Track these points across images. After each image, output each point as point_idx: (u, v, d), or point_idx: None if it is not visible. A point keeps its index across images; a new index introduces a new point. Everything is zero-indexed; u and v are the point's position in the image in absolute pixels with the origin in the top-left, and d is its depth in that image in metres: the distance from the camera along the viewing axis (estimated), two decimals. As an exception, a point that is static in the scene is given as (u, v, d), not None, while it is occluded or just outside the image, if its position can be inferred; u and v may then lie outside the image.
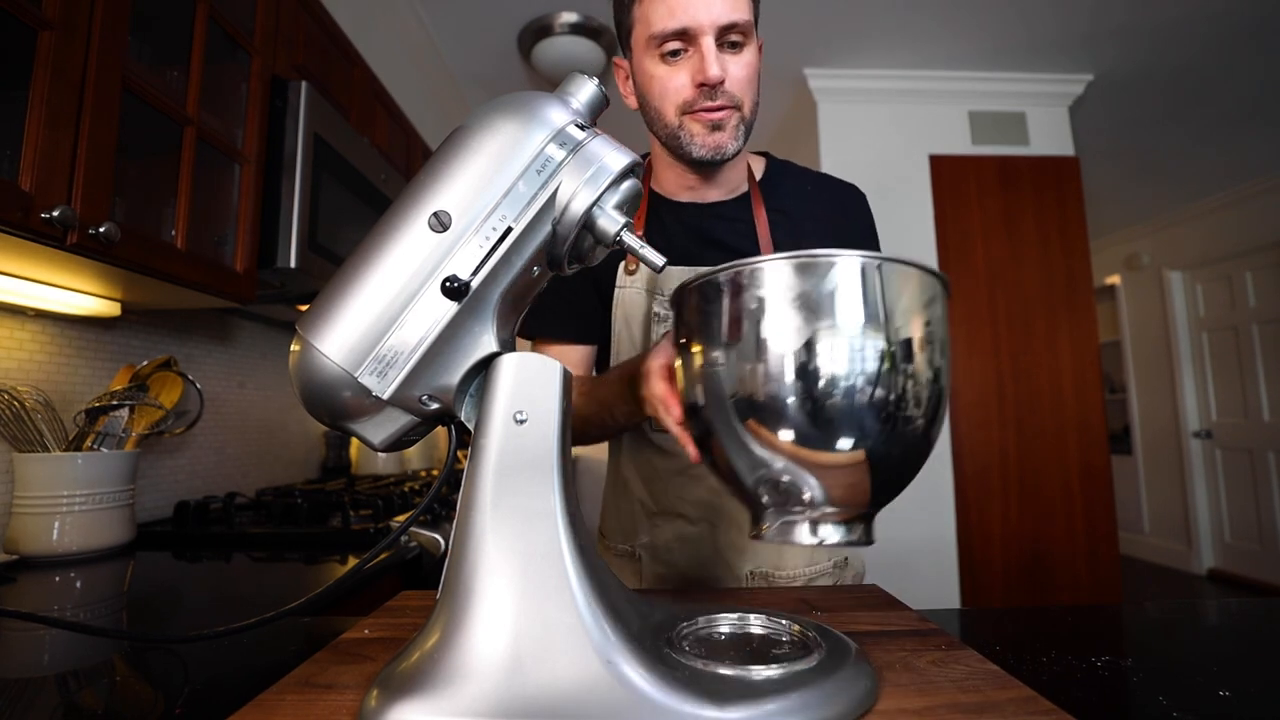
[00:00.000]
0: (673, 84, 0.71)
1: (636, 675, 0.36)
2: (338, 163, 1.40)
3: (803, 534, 0.44)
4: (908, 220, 2.69)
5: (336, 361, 0.39)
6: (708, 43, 0.69)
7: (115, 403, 1.08)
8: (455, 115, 2.75)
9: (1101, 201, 3.99)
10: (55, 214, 0.78)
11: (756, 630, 0.48)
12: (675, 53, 0.70)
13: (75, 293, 1.08)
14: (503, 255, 0.41)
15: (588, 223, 0.43)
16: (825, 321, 0.40)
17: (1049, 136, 2.77)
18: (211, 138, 1.11)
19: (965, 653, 0.46)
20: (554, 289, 0.76)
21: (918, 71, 2.69)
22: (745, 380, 0.41)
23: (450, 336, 0.41)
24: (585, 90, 0.45)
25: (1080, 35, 2.42)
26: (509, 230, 0.41)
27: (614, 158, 0.43)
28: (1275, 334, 3.75)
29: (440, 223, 0.40)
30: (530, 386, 0.41)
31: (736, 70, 0.71)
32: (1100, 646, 0.53)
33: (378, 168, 1.59)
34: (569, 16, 2.27)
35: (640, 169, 0.47)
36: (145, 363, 1.19)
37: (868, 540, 0.45)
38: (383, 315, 0.39)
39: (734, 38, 0.71)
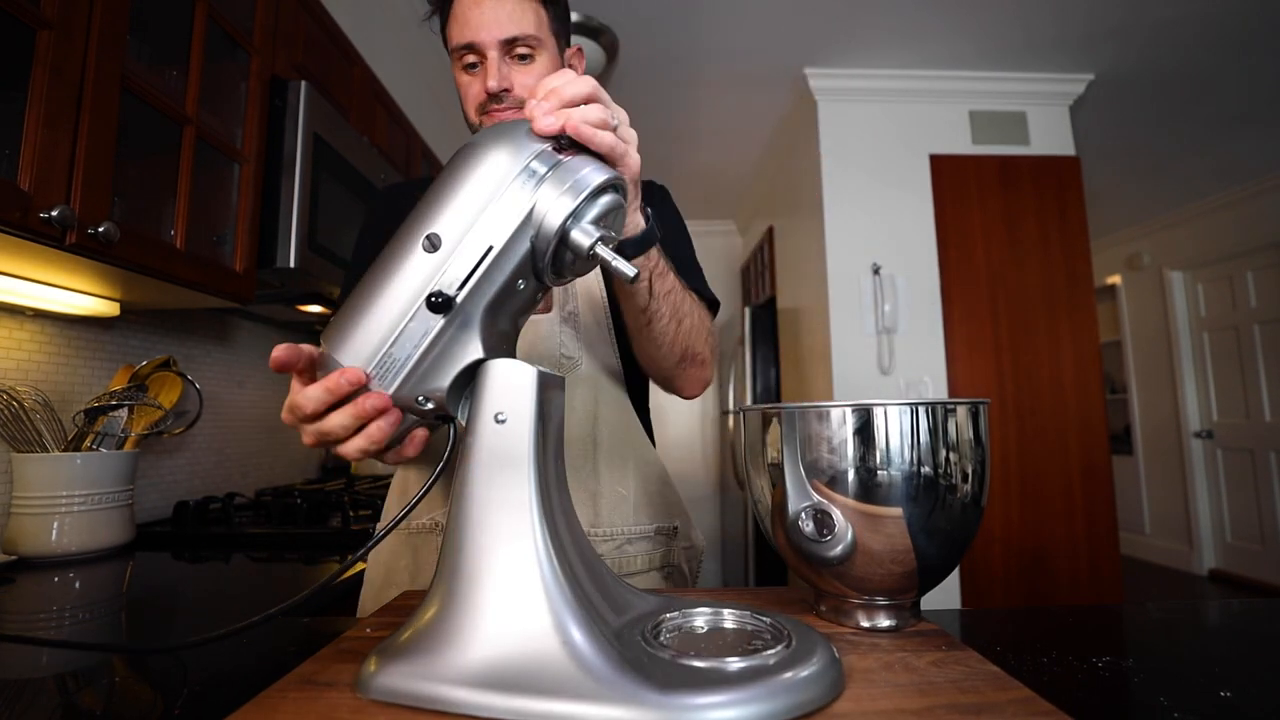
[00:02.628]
0: (470, 92, 0.79)
1: (589, 652, 0.39)
2: (337, 162, 1.39)
3: (858, 618, 0.52)
4: (908, 220, 2.69)
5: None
6: (493, 57, 0.76)
7: (114, 403, 1.08)
8: (455, 115, 2.74)
9: (1102, 201, 3.99)
10: (54, 213, 0.78)
11: (730, 625, 0.49)
12: (472, 65, 0.78)
13: (74, 292, 1.08)
14: (485, 271, 0.43)
15: (563, 237, 0.44)
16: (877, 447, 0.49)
17: (1049, 136, 2.76)
18: (211, 137, 1.11)
19: (965, 653, 0.46)
20: None
21: (918, 71, 2.69)
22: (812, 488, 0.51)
23: (438, 345, 0.45)
24: None
25: (1080, 35, 2.42)
26: (490, 248, 0.43)
27: (591, 173, 0.45)
28: (1276, 334, 3.75)
29: (432, 244, 0.44)
30: (508, 390, 0.44)
31: (524, 79, 0.77)
32: (1101, 647, 0.52)
33: (377, 167, 1.59)
34: (569, 16, 2.27)
35: (622, 186, 0.48)
36: (144, 362, 1.19)
37: (915, 620, 0.53)
38: (384, 328, 0.44)
39: (521, 50, 0.77)
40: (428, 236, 0.44)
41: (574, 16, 2.27)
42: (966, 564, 2.49)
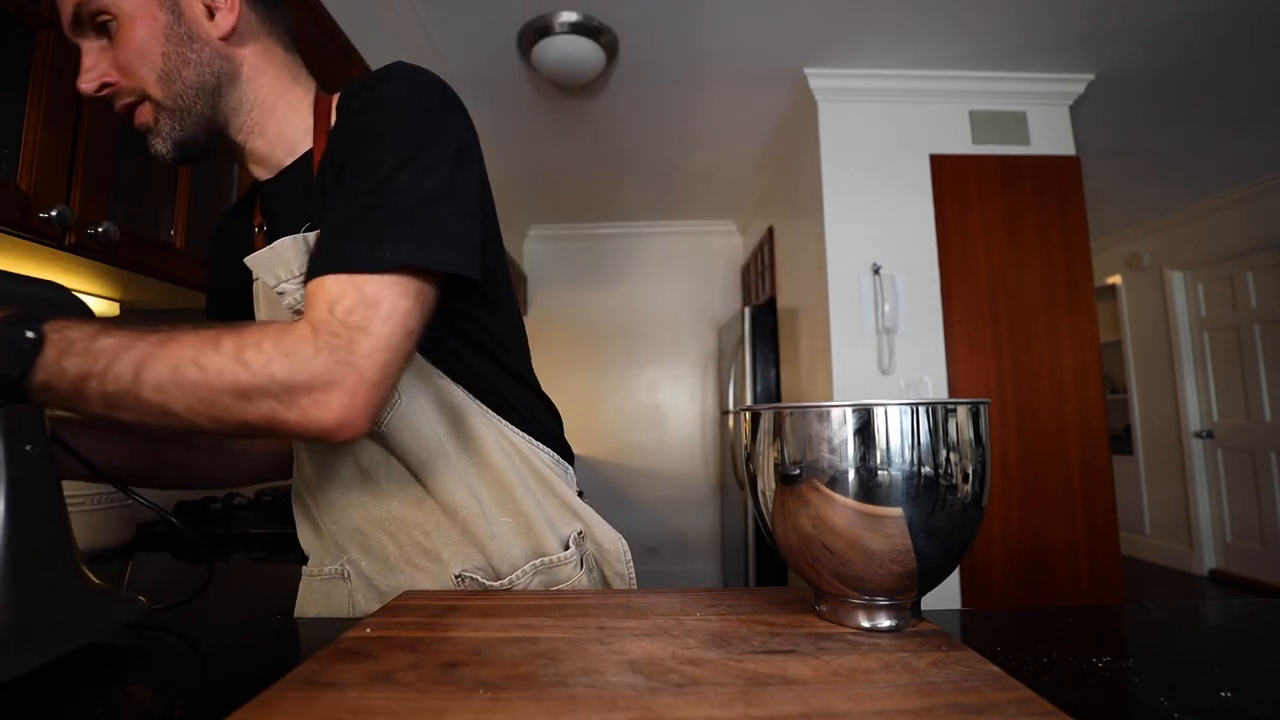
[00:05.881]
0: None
1: None
2: (337, 162, 1.39)
3: (858, 618, 0.52)
4: (908, 220, 2.69)
5: None
6: (75, 40, 0.57)
7: (115, 403, 1.08)
8: (455, 115, 2.74)
9: (1102, 201, 3.98)
10: (54, 213, 0.78)
11: None
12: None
13: (73, 292, 1.08)
14: None
15: None
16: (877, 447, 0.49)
17: (1050, 136, 2.76)
18: (211, 137, 1.11)
19: (965, 653, 0.46)
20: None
21: (918, 71, 2.69)
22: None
23: None
24: None
25: (1080, 35, 2.42)
26: None
27: None
28: (1277, 334, 3.75)
29: None
30: None
31: (120, 56, 0.58)
32: (1101, 647, 0.52)
33: (377, 167, 1.58)
34: (569, 16, 2.27)
35: None
36: (145, 363, 1.19)
37: (915, 621, 0.53)
38: None
39: (99, 20, 0.57)
40: None
41: (573, 16, 2.27)
42: (966, 564, 2.49)
